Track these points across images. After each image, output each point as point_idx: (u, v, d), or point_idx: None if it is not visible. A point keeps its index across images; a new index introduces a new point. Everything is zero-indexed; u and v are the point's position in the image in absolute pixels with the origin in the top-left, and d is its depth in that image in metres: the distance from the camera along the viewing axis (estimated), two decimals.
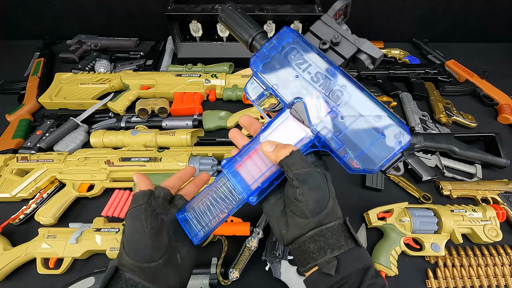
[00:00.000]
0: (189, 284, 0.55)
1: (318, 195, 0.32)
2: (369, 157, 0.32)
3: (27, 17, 1.13)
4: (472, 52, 1.16)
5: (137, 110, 0.84)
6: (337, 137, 0.33)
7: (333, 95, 0.34)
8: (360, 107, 0.33)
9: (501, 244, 0.64)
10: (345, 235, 0.31)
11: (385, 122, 0.32)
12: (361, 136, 0.32)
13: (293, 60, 0.37)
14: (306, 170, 0.32)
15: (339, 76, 0.34)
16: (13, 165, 0.72)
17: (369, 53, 0.34)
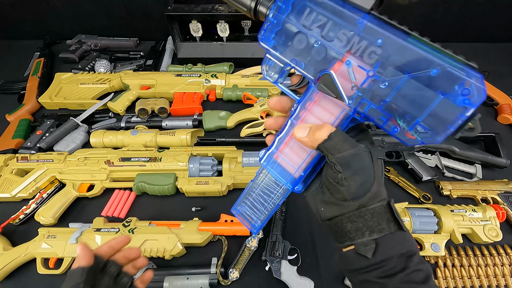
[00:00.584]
0: (189, 284, 0.55)
1: (362, 178, 0.28)
2: (428, 124, 0.24)
3: (27, 17, 1.13)
4: (472, 52, 1.16)
5: (137, 110, 0.84)
6: (381, 108, 0.26)
7: (367, 56, 0.26)
8: (407, 63, 0.24)
9: (501, 244, 0.64)
10: (387, 218, 0.28)
11: (446, 76, 0.23)
12: (414, 101, 0.24)
13: (308, 21, 0.29)
14: (350, 152, 0.28)
15: (371, 27, 0.25)
16: (13, 165, 0.72)
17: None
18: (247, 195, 0.39)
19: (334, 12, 0.27)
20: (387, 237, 0.28)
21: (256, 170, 0.70)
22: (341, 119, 0.30)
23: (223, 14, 0.95)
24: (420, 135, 0.25)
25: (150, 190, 0.69)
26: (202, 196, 0.72)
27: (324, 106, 0.31)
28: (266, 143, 0.37)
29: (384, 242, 0.28)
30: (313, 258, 0.62)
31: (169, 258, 0.60)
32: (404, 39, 0.25)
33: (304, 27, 0.29)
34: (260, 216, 0.38)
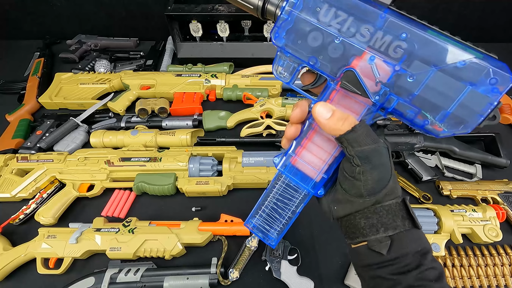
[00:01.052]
0: (189, 284, 0.55)
1: (381, 174, 0.28)
2: (457, 116, 0.25)
3: (27, 17, 1.13)
4: None
5: (137, 110, 0.84)
6: (410, 102, 0.26)
7: (392, 50, 0.26)
8: (433, 56, 0.25)
9: (501, 244, 0.64)
10: (402, 215, 0.28)
11: (473, 67, 0.23)
12: (442, 93, 0.25)
13: (326, 17, 0.28)
14: (372, 146, 0.27)
15: (394, 22, 0.25)
16: (13, 165, 0.72)
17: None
18: (261, 205, 0.37)
19: (355, 8, 0.26)
20: (402, 234, 0.28)
21: (256, 170, 0.70)
22: (364, 116, 0.29)
23: (223, 14, 0.95)
24: (448, 126, 0.25)
25: (150, 190, 0.69)
26: (202, 196, 0.72)
27: (346, 105, 0.30)
28: (282, 147, 0.35)
29: (400, 239, 0.28)
30: (313, 258, 0.62)
31: (169, 258, 0.60)
32: (430, 32, 0.25)
33: (322, 23, 0.28)
34: (278, 227, 0.36)
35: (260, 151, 0.73)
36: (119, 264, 0.59)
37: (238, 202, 0.71)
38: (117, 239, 0.60)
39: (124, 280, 0.56)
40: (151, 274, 0.57)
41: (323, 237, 0.65)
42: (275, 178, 0.36)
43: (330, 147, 0.32)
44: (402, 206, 0.29)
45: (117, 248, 0.59)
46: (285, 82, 0.33)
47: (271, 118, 0.85)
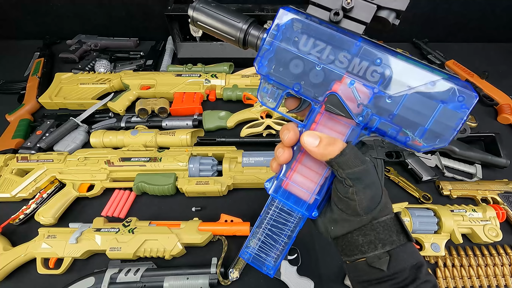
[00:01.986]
0: (189, 284, 0.55)
1: (373, 192, 0.29)
2: (434, 131, 0.27)
3: (27, 17, 1.13)
4: (472, 52, 1.16)
5: (137, 110, 0.84)
6: (391, 121, 0.28)
7: (370, 75, 0.28)
8: (407, 78, 0.27)
9: (501, 244, 0.64)
10: (397, 229, 0.29)
11: (442, 87, 0.26)
12: (419, 112, 0.27)
13: (306, 47, 0.30)
14: (361, 167, 0.28)
15: (368, 49, 0.28)
16: (13, 165, 0.72)
17: (392, 7, 0.28)
18: (255, 233, 0.37)
19: (331, 38, 0.29)
20: (399, 249, 0.29)
21: (256, 170, 0.70)
22: (349, 136, 0.31)
23: None
24: (427, 141, 0.27)
25: (150, 190, 0.69)
26: (202, 196, 0.72)
27: (331, 126, 0.31)
28: (272, 170, 0.35)
29: (397, 254, 0.29)
30: (313, 258, 0.62)
31: (169, 258, 0.60)
32: (400, 57, 0.28)
33: (302, 52, 0.30)
34: (275, 254, 0.36)
35: (260, 151, 0.73)
36: (119, 264, 0.59)
37: (238, 202, 0.71)
38: (117, 239, 0.60)
39: (124, 280, 0.56)
40: (151, 274, 0.57)
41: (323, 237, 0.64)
42: (268, 204, 0.36)
43: (321, 168, 0.32)
44: (396, 221, 0.30)
45: (117, 248, 0.59)
46: (271, 108, 0.34)
47: (271, 118, 0.85)
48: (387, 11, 0.28)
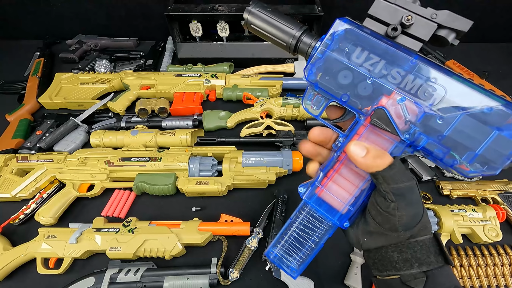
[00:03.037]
0: (189, 284, 0.55)
1: (415, 210, 0.29)
2: (484, 158, 0.26)
3: (27, 17, 1.13)
4: (472, 52, 1.16)
5: (137, 110, 0.84)
6: (439, 142, 0.27)
7: (422, 93, 0.28)
8: (461, 100, 0.26)
9: (501, 244, 0.64)
10: (435, 251, 0.29)
11: (499, 113, 0.25)
12: (470, 136, 0.26)
13: (359, 59, 0.30)
14: (407, 184, 0.28)
15: (423, 67, 0.28)
16: (13, 165, 0.72)
17: (453, 27, 0.27)
18: (283, 235, 0.37)
19: (386, 53, 0.29)
20: (437, 271, 0.28)
21: (256, 170, 0.70)
22: (393, 152, 0.30)
23: (223, 14, 0.95)
24: (475, 167, 0.26)
25: (150, 190, 0.69)
26: (202, 196, 0.72)
27: (374, 140, 0.31)
28: (308, 175, 0.35)
29: (434, 276, 0.28)
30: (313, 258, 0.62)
31: (169, 258, 0.60)
32: (457, 78, 0.27)
33: (354, 63, 0.30)
34: (300, 258, 0.36)
35: (260, 151, 0.73)
36: (119, 264, 0.59)
37: (238, 202, 0.71)
38: (117, 239, 0.60)
39: (124, 280, 0.56)
40: (151, 274, 0.57)
41: None
42: (300, 208, 0.36)
43: (358, 180, 0.32)
44: (435, 242, 0.29)
45: (117, 248, 0.59)
46: (314, 115, 0.34)
47: (271, 118, 0.85)
48: (447, 30, 0.27)
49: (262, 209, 0.67)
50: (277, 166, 0.71)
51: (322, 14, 0.94)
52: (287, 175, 0.73)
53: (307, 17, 0.96)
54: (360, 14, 0.32)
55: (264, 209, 0.67)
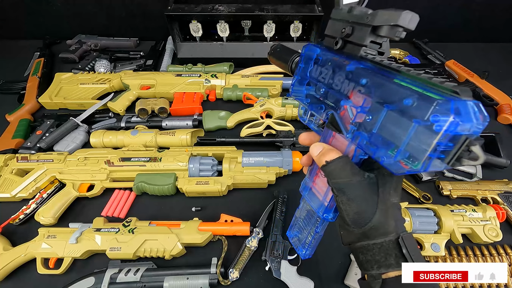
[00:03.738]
0: (189, 284, 0.55)
1: (359, 207, 0.29)
2: (409, 153, 0.24)
3: (27, 17, 1.13)
4: (472, 52, 1.16)
5: (137, 110, 0.84)
6: (370, 140, 0.28)
7: (356, 94, 0.29)
8: (387, 96, 0.26)
9: (501, 244, 0.64)
10: (395, 254, 0.29)
11: (419, 104, 0.23)
12: (394, 132, 0.25)
13: (318, 74, 0.35)
14: (345, 180, 0.30)
15: (358, 70, 0.29)
16: (13, 165, 0.72)
17: (388, 24, 0.27)
18: (296, 220, 0.43)
19: (333, 64, 0.32)
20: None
21: (256, 170, 0.71)
22: (352, 151, 0.32)
23: (223, 14, 0.95)
24: (408, 163, 0.24)
25: (150, 190, 0.69)
26: (202, 196, 0.72)
27: (340, 140, 0.34)
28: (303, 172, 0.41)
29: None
30: (313, 258, 0.62)
31: (169, 258, 0.60)
32: (388, 74, 0.26)
33: (316, 77, 0.35)
34: (306, 242, 0.41)
35: (260, 151, 0.73)
36: (119, 264, 0.59)
37: (238, 202, 0.71)
38: (117, 239, 0.60)
39: (124, 280, 0.56)
40: (151, 274, 0.57)
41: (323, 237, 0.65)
42: (301, 198, 0.41)
43: None
44: (396, 245, 0.29)
45: (117, 248, 0.59)
46: (307, 124, 0.40)
47: (271, 118, 0.85)
48: (384, 28, 0.27)
49: (262, 209, 0.67)
50: (277, 166, 0.71)
51: (322, 14, 0.94)
52: (287, 175, 0.73)
53: (307, 17, 0.96)
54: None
55: (264, 209, 0.67)
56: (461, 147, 0.21)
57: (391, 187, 0.30)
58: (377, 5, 0.29)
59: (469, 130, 0.21)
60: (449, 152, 0.21)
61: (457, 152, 0.21)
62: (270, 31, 1.00)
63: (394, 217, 0.30)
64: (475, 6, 1.09)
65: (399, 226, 0.30)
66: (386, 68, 0.27)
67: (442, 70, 1.02)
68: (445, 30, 1.17)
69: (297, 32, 1.02)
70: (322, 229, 0.39)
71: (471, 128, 0.21)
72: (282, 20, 0.97)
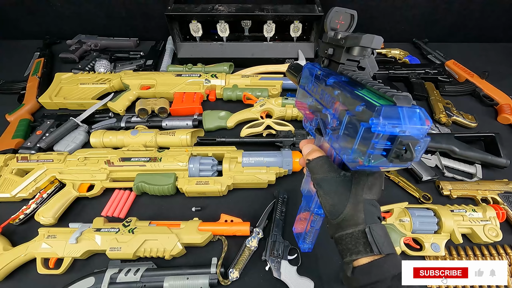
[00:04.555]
0: (189, 284, 0.55)
1: (333, 200, 0.34)
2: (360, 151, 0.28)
3: (27, 17, 1.13)
4: (472, 52, 1.16)
5: (137, 110, 0.84)
6: (338, 141, 0.32)
7: (331, 104, 0.34)
8: (349, 104, 0.30)
9: (501, 244, 0.64)
10: (364, 242, 0.32)
11: (365, 111, 0.27)
12: (349, 135, 0.29)
13: (310, 88, 0.41)
14: (321, 176, 0.35)
15: (333, 84, 0.35)
16: (13, 165, 0.72)
17: (357, 45, 0.32)
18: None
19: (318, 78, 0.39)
20: (382, 260, 0.31)
21: (256, 170, 0.71)
22: (333, 153, 0.37)
23: (223, 14, 0.95)
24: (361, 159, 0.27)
25: (150, 190, 0.69)
26: (202, 196, 0.72)
27: (326, 143, 0.39)
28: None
29: (379, 265, 0.31)
30: (313, 258, 0.62)
31: (169, 258, 0.60)
32: (354, 87, 0.31)
33: (309, 91, 0.42)
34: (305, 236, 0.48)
35: (260, 151, 0.73)
36: (119, 264, 0.59)
37: (238, 202, 0.71)
38: (117, 239, 0.60)
39: (124, 280, 0.56)
40: (151, 274, 0.57)
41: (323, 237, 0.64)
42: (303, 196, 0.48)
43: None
44: (364, 235, 0.32)
45: (117, 248, 0.59)
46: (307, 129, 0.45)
47: (271, 118, 0.85)
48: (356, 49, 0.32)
49: (262, 209, 0.67)
50: (277, 166, 0.71)
51: (322, 14, 0.94)
52: (287, 175, 0.73)
53: (307, 17, 0.96)
54: (359, 14, 0.34)
55: (264, 209, 0.67)
56: (395, 146, 0.25)
57: (364, 185, 0.33)
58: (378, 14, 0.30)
59: (405, 132, 0.24)
60: (389, 150, 0.25)
61: (393, 150, 0.25)
62: (270, 31, 1.00)
63: (365, 210, 0.33)
64: (475, 6, 1.09)
65: (368, 219, 0.32)
66: (355, 82, 0.32)
67: (442, 70, 1.02)
68: (445, 30, 1.17)
69: (297, 32, 1.02)
70: (318, 224, 0.44)
71: (408, 131, 0.24)
72: (282, 20, 0.97)
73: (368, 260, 0.31)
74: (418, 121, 0.24)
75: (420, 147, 0.24)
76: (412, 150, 0.23)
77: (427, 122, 0.25)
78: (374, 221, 0.32)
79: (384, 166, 0.27)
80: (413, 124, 0.24)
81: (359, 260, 0.32)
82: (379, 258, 0.31)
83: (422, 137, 0.24)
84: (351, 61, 0.35)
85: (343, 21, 0.37)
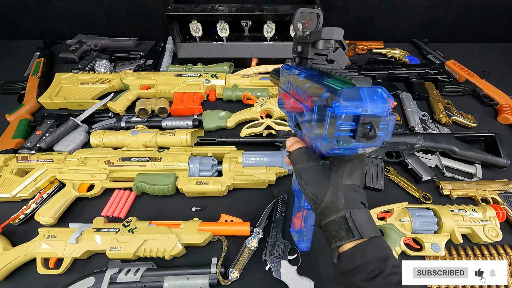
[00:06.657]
0: (189, 284, 0.55)
1: (314, 189, 0.34)
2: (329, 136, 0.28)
3: (27, 17, 1.13)
4: (472, 52, 1.16)
5: (137, 110, 0.84)
6: (311, 131, 0.33)
7: (305, 98, 0.35)
8: (317, 94, 0.31)
9: (501, 244, 0.64)
10: (346, 227, 0.32)
11: (330, 96, 0.27)
12: (320, 122, 0.30)
13: (288, 87, 0.42)
14: (300, 166, 0.36)
15: (304, 78, 0.36)
16: (13, 165, 0.72)
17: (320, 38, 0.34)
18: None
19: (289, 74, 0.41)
20: (365, 243, 0.31)
21: (256, 170, 0.71)
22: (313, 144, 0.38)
23: (223, 14, 0.95)
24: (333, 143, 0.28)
25: (150, 190, 0.69)
26: (202, 196, 0.72)
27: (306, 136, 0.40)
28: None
29: (362, 248, 0.32)
30: (313, 258, 0.62)
31: (169, 258, 0.60)
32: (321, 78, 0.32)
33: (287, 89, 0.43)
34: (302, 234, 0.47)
35: (260, 151, 0.73)
36: (119, 264, 0.59)
37: (238, 202, 0.71)
38: (117, 239, 0.60)
39: (124, 280, 0.56)
40: (151, 274, 0.57)
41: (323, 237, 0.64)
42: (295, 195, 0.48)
43: None
44: (345, 221, 0.33)
45: (117, 248, 0.59)
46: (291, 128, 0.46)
47: (271, 118, 0.85)
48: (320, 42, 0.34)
49: (262, 209, 0.67)
50: (277, 166, 0.71)
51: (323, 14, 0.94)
52: (287, 175, 0.73)
53: None
54: (359, 14, 0.35)
55: (264, 209, 0.67)
56: (360, 126, 0.26)
57: (344, 171, 0.34)
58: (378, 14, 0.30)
59: (367, 111, 0.25)
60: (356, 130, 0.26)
61: (358, 129, 0.26)
62: (270, 31, 1.00)
63: (345, 196, 0.33)
64: (475, 6, 1.09)
65: (349, 204, 0.33)
66: (323, 73, 0.33)
67: (442, 70, 1.02)
68: (445, 30, 1.17)
69: None
70: (311, 220, 0.44)
71: (370, 109, 0.25)
72: (282, 20, 0.97)
73: (352, 245, 0.32)
74: (380, 100, 0.25)
75: (385, 125, 0.25)
76: (375, 127, 0.25)
77: (389, 99, 0.25)
78: (355, 206, 0.33)
79: (355, 147, 0.28)
80: (374, 103, 0.25)
81: (343, 246, 0.32)
82: (362, 242, 0.31)
83: (386, 114, 0.25)
84: (319, 55, 0.36)
85: (309, 21, 0.39)
